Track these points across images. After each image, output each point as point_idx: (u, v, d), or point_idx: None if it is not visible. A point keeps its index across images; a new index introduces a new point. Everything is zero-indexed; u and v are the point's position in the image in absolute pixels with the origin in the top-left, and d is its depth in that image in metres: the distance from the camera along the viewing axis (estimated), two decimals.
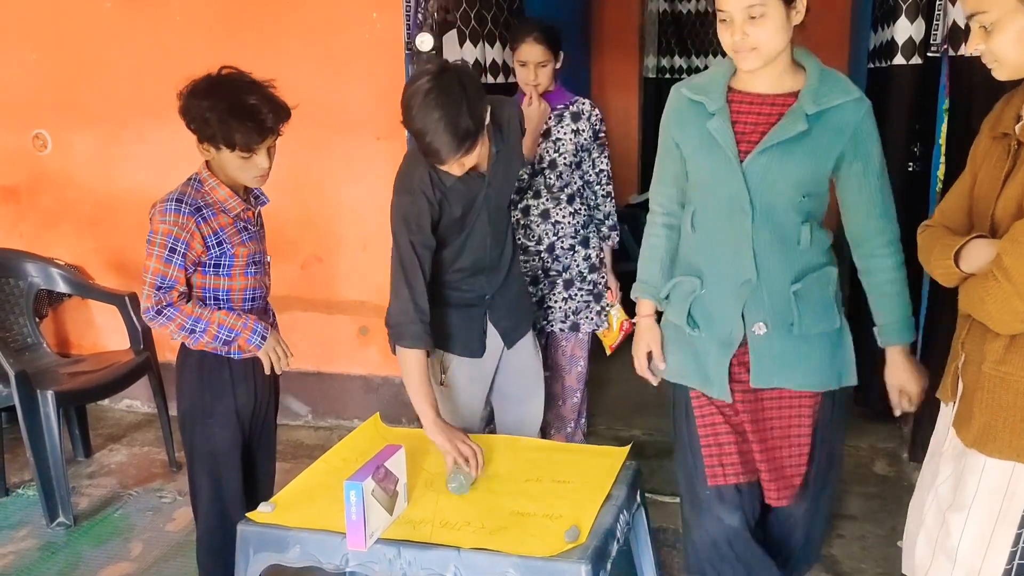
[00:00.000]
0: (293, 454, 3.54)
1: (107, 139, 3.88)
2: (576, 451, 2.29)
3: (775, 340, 1.97)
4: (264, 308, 2.34)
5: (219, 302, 2.20)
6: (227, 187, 2.16)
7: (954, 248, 1.58)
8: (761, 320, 1.96)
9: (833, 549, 2.78)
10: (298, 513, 1.91)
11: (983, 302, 1.51)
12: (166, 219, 2.08)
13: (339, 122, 3.62)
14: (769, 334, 1.97)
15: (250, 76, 2.14)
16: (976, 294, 1.54)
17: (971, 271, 1.56)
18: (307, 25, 3.60)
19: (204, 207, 2.12)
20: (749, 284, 1.95)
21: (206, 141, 2.09)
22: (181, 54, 3.61)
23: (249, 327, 2.19)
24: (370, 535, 1.77)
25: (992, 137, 1.66)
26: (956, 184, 1.75)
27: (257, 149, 2.10)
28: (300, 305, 3.79)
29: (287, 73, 3.79)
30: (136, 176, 3.84)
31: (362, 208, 3.67)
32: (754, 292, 1.95)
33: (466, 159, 2.06)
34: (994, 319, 1.51)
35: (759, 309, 1.96)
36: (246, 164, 2.12)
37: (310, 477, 2.08)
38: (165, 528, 3.03)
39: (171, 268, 2.09)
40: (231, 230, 2.17)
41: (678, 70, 7.12)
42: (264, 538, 1.88)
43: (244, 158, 2.10)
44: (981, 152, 1.69)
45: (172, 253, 2.08)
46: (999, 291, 1.47)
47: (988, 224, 1.60)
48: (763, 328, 1.97)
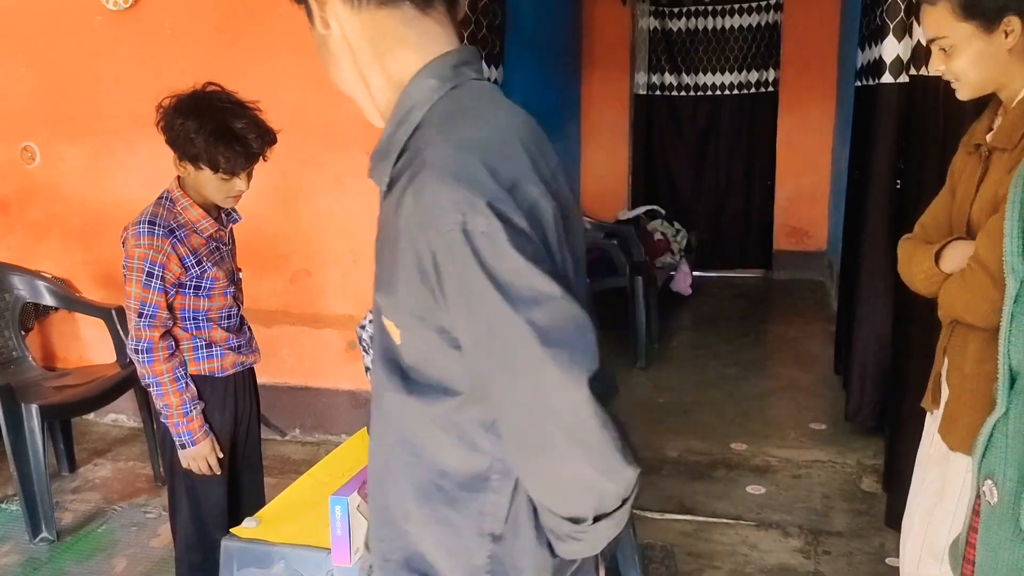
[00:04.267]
0: (280, 469, 3.52)
1: (96, 152, 3.87)
2: None
3: None
4: (239, 326, 2.32)
5: (197, 322, 2.18)
6: (199, 207, 2.14)
7: (935, 249, 1.64)
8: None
9: (821, 566, 2.78)
10: (283, 528, 1.89)
11: (961, 295, 1.56)
12: (140, 243, 2.05)
13: (328, 136, 3.63)
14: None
15: (236, 96, 2.12)
16: (954, 289, 1.58)
17: (950, 271, 1.62)
18: (297, 39, 3.59)
19: (177, 228, 2.10)
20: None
21: (187, 160, 2.07)
22: (171, 67, 3.62)
23: (183, 427, 2.13)
24: (356, 550, 1.75)
25: (967, 152, 1.73)
26: (936, 199, 1.80)
27: (240, 172, 2.09)
28: (288, 319, 3.78)
29: (277, 87, 3.82)
30: (125, 189, 3.83)
31: (352, 222, 3.67)
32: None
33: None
34: (972, 311, 1.55)
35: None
36: (224, 186, 2.10)
37: (295, 492, 2.07)
38: (149, 544, 3.00)
39: (151, 293, 2.06)
40: (205, 251, 2.16)
41: (669, 87, 7.16)
42: (248, 553, 1.86)
43: (224, 180, 2.08)
44: (958, 167, 1.76)
45: (150, 277, 2.05)
46: (976, 281, 1.52)
47: (966, 230, 1.66)
48: None
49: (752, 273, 7.12)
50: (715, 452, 3.67)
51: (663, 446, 3.75)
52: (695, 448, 3.71)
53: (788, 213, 6.94)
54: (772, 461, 3.57)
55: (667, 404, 4.29)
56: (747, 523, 3.06)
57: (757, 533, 3.00)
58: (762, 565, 2.79)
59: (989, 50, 1.61)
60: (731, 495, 3.29)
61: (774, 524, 3.05)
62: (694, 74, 7.12)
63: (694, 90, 7.14)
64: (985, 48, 1.62)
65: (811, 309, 6.03)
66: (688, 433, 3.89)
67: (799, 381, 4.58)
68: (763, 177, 7.07)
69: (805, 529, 2.99)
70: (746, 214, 7.16)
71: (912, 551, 1.77)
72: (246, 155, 2.06)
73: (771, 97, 6.93)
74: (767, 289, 6.84)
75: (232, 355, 2.25)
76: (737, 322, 5.77)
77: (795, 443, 3.75)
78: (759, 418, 4.05)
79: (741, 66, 7.01)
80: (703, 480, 3.42)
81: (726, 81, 7.08)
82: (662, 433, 3.91)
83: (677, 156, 7.28)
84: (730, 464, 3.56)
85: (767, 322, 5.97)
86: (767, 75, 6.97)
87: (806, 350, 5.10)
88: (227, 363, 2.24)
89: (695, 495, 3.29)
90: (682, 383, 4.57)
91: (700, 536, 2.98)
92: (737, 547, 2.91)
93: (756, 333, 5.59)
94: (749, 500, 3.24)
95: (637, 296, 4.78)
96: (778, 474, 3.45)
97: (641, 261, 5.05)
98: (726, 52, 7.02)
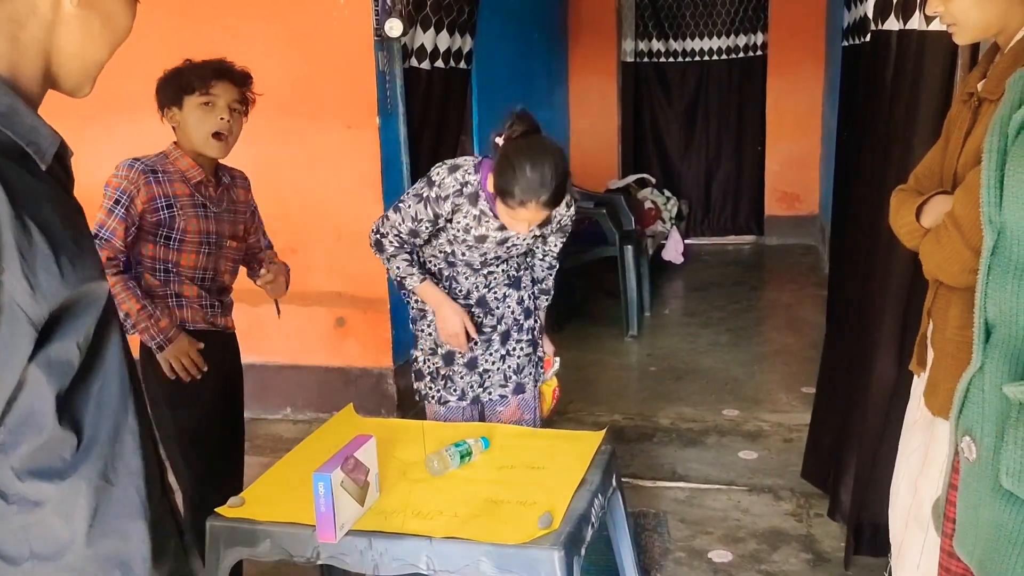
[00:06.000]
0: (272, 448, 3.51)
1: (72, 135, 3.72)
2: (551, 437, 2.27)
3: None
4: (220, 290, 2.33)
5: (169, 275, 2.21)
6: (190, 159, 2.19)
7: (917, 204, 1.58)
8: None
9: (813, 529, 2.78)
10: (268, 507, 1.88)
11: (935, 253, 1.51)
12: (118, 174, 2.15)
13: (309, 111, 3.58)
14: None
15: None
16: (929, 247, 1.53)
17: (930, 226, 1.56)
18: (274, 12, 3.54)
19: (161, 172, 2.17)
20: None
21: (170, 105, 2.16)
22: (145, 46, 3.51)
23: (154, 329, 2.14)
24: (340, 527, 1.74)
25: (961, 101, 1.65)
26: (931, 151, 1.74)
27: (215, 92, 2.14)
28: None
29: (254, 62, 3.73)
30: (103, 172, 3.70)
31: (335, 197, 3.63)
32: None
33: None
34: (944, 270, 1.51)
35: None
36: (206, 115, 2.14)
37: (281, 470, 2.06)
38: None
39: (111, 218, 2.11)
40: (185, 201, 2.19)
41: (656, 53, 7.09)
42: (234, 533, 1.85)
43: (204, 105, 2.13)
44: (952, 116, 1.68)
45: (116, 204, 2.11)
46: (948, 240, 1.47)
47: (952, 183, 1.60)
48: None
49: (744, 239, 7.09)
50: (707, 419, 3.66)
51: (655, 414, 3.74)
52: (687, 415, 3.71)
53: (779, 178, 6.90)
54: (764, 426, 3.57)
55: (659, 372, 4.29)
56: (739, 488, 3.07)
57: (749, 498, 3.00)
58: (754, 529, 2.80)
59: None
60: (723, 461, 3.29)
61: (766, 488, 3.05)
62: (682, 40, 7.05)
63: (682, 56, 7.07)
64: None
65: (803, 274, 6.01)
66: (680, 401, 3.89)
67: (791, 346, 4.57)
68: (753, 142, 7.02)
69: (797, 492, 3.00)
70: (737, 180, 7.13)
71: (899, 518, 1.75)
72: (216, 69, 2.15)
73: (760, 61, 6.87)
74: (759, 255, 6.82)
75: (200, 311, 2.27)
76: (729, 289, 5.76)
77: (787, 407, 3.75)
78: (751, 384, 4.05)
79: (729, 30, 6.94)
80: (695, 447, 3.42)
81: (714, 46, 7.00)
82: (654, 401, 3.91)
83: (667, 123, 7.22)
84: (722, 430, 3.55)
85: (759, 288, 5.96)
86: (755, 39, 6.90)
87: (798, 315, 5.09)
88: (196, 318, 2.26)
89: (687, 462, 3.29)
90: (674, 351, 4.56)
91: (692, 503, 2.99)
92: (729, 512, 2.91)
93: (748, 299, 5.57)
94: (741, 465, 3.24)
95: (628, 265, 4.76)
96: (770, 439, 3.45)
97: (631, 230, 5.01)
98: (713, 16, 6.94)
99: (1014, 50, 1.53)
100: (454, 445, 2.05)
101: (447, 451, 2.03)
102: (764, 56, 6.85)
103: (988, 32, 1.58)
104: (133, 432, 0.90)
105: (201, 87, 2.14)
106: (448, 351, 2.44)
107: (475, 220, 2.26)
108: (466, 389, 2.46)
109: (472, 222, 2.26)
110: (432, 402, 2.48)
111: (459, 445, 2.05)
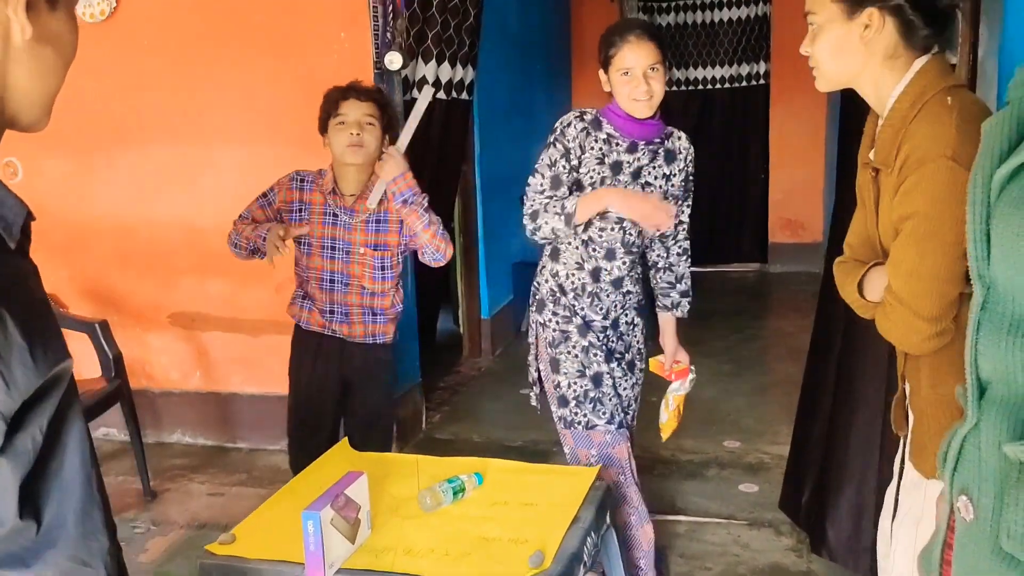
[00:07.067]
0: (270, 479, 3.50)
1: (78, 166, 3.85)
2: (545, 472, 2.26)
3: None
4: (344, 298, 2.58)
5: (302, 275, 2.63)
6: (334, 173, 2.56)
7: (858, 278, 1.57)
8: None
9: (813, 565, 2.75)
10: (259, 544, 1.87)
11: (890, 331, 1.50)
12: (280, 179, 2.61)
13: (311, 144, 3.58)
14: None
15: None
16: (882, 324, 1.52)
17: (875, 300, 1.55)
18: (274, 46, 3.58)
19: (308, 182, 2.58)
20: None
21: (322, 132, 2.53)
22: (150, 79, 3.59)
23: (258, 240, 2.48)
24: (330, 566, 1.73)
25: (862, 166, 1.63)
26: (854, 217, 1.70)
27: (344, 111, 2.45)
28: (275, 328, 3.74)
29: (256, 95, 3.80)
30: (108, 202, 3.82)
31: None
32: None
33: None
34: (904, 343, 1.50)
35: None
36: (340, 132, 2.46)
37: (272, 506, 2.05)
38: (138, 559, 2.98)
39: (253, 204, 2.58)
40: (317, 208, 2.56)
41: None
42: (224, 571, 1.84)
43: (339, 125, 2.46)
44: (860, 185, 1.66)
45: (263, 197, 2.59)
46: (896, 315, 1.46)
47: (881, 251, 1.58)
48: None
49: (748, 267, 7.08)
50: (708, 450, 3.64)
51: (655, 445, 3.71)
52: (687, 447, 3.68)
53: (783, 205, 6.90)
54: (765, 458, 3.54)
55: (659, 403, 4.25)
56: (739, 522, 3.04)
57: (749, 532, 2.97)
58: (754, 565, 2.77)
59: (848, 39, 1.50)
60: (723, 494, 3.26)
61: (766, 523, 3.02)
62: (684, 69, 7.08)
63: (685, 84, 7.11)
64: (844, 36, 1.51)
65: (807, 302, 5.97)
66: (680, 432, 3.82)
67: (794, 376, 4.51)
68: (757, 170, 7.03)
69: (797, 527, 2.96)
70: (740, 207, 7.13)
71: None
72: (342, 90, 2.49)
73: (762, 90, 6.90)
74: (763, 283, 6.81)
75: (319, 316, 2.61)
76: (732, 318, 5.74)
77: (788, 439, 3.70)
78: (752, 414, 4.03)
79: (731, 59, 6.98)
80: (695, 479, 3.40)
81: (717, 75, 7.04)
82: (654, 432, 3.87)
83: None
84: (723, 463, 3.53)
85: (762, 317, 5.94)
86: (758, 67, 6.93)
87: (801, 344, 5.02)
88: (313, 319, 2.62)
89: (687, 495, 3.26)
90: None
91: (692, 536, 2.96)
92: (729, 547, 2.88)
93: (751, 328, 5.56)
94: (741, 499, 3.22)
95: None
96: (771, 471, 3.42)
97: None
98: (716, 46, 6.99)
99: (891, 123, 1.51)
100: (447, 481, 2.04)
101: (440, 487, 2.02)
102: (767, 85, 6.88)
103: (842, 83, 1.58)
104: (99, 507, 0.85)
105: (334, 110, 2.48)
106: (596, 372, 2.39)
107: (605, 144, 2.33)
108: (615, 412, 2.41)
109: (604, 147, 2.32)
110: (579, 428, 2.40)
111: (452, 481, 2.05)
